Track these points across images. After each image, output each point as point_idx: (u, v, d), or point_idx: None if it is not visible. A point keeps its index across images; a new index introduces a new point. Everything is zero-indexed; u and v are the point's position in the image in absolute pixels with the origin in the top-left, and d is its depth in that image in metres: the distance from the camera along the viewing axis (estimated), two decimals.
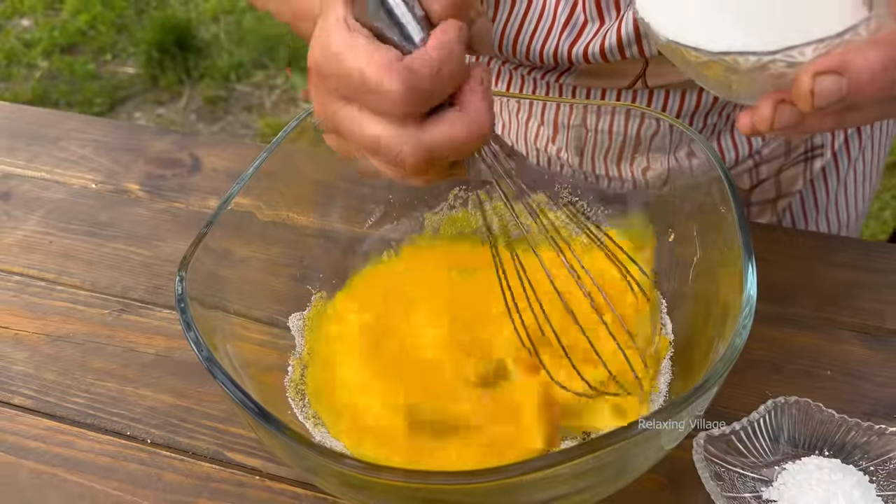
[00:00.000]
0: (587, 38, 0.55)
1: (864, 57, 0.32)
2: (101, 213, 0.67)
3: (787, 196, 0.69)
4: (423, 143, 0.35)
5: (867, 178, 0.72)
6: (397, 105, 0.34)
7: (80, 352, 0.56)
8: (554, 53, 0.56)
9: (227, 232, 0.46)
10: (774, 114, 0.34)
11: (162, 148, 0.73)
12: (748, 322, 0.38)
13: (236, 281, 0.48)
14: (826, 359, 0.53)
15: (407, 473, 0.35)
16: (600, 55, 0.55)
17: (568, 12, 0.55)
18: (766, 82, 0.34)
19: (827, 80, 0.32)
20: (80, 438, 0.51)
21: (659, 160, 0.52)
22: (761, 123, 0.35)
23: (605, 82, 0.59)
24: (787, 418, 0.47)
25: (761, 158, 0.65)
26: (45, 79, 2.16)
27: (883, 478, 0.45)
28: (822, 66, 0.32)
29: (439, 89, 0.35)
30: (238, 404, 0.37)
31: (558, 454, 0.35)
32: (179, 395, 0.53)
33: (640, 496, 0.46)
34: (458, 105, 0.36)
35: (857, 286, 0.57)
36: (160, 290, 0.60)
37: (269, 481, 0.48)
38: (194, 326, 0.40)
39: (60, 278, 0.61)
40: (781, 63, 0.33)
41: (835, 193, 0.70)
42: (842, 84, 0.32)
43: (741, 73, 0.34)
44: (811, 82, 0.32)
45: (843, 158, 0.69)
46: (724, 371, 0.36)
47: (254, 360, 0.47)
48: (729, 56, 0.33)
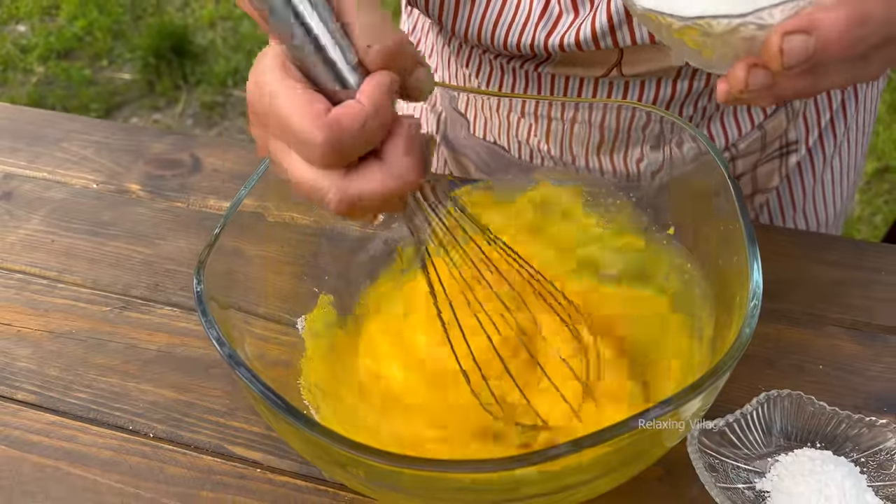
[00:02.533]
0: (562, 29, 0.57)
1: (830, 15, 0.33)
2: (103, 212, 0.67)
3: (764, 192, 0.70)
4: (347, 192, 0.36)
5: (845, 177, 0.73)
6: (322, 157, 0.35)
7: (82, 348, 0.57)
8: (531, 44, 0.58)
9: (237, 232, 0.47)
10: (748, 76, 0.35)
11: (162, 149, 0.73)
12: (756, 307, 0.39)
13: (243, 280, 0.49)
14: (817, 353, 0.54)
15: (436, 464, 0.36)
16: (576, 45, 0.57)
17: (543, 4, 0.57)
18: (738, 46, 0.35)
19: (795, 38, 0.33)
20: (83, 433, 0.51)
21: (649, 152, 0.53)
22: (735, 85, 0.36)
23: (582, 71, 0.61)
24: (780, 411, 0.48)
25: (737, 152, 0.66)
26: (41, 84, 2.16)
27: (873, 468, 0.46)
28: (790, 27, 0.33)
29: (363, 143, 0.35)
30: (263, 400, 0.38)
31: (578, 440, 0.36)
32: (181, 390, 0.54)
33: (637, 488, 0.46)
34: (382, 157, 0.36)
35: (846, 283, 0.58)
36: (161, 288, 0.61)
37: (270, 474, 0.49)
38: (216, 325, 0.40)
39: (63, 276, 0.62)
40: (752, 25, 0.34)
41: (811, 191, 0.71)
42: (809, 42, 0.33)
43: (714, 38, 0.35)
44: (780, 41, 0.33)
45: (818, 155, 0.70)
46: (735, 358, 0.37)
47: (260, 356, 0.47)
48: (702, 20, 0.35)
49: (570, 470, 0.37)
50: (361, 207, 0.36)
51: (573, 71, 0.61)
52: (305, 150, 0.35)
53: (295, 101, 0.35)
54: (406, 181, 0.36)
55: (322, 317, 0.52)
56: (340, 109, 0.35)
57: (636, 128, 0.53)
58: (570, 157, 0.61)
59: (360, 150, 0.36)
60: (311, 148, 0.35)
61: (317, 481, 0.48)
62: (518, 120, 0.62)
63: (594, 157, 0.59)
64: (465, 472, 0.35)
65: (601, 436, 0.35)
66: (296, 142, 0.35)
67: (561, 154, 0.61)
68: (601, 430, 0.35)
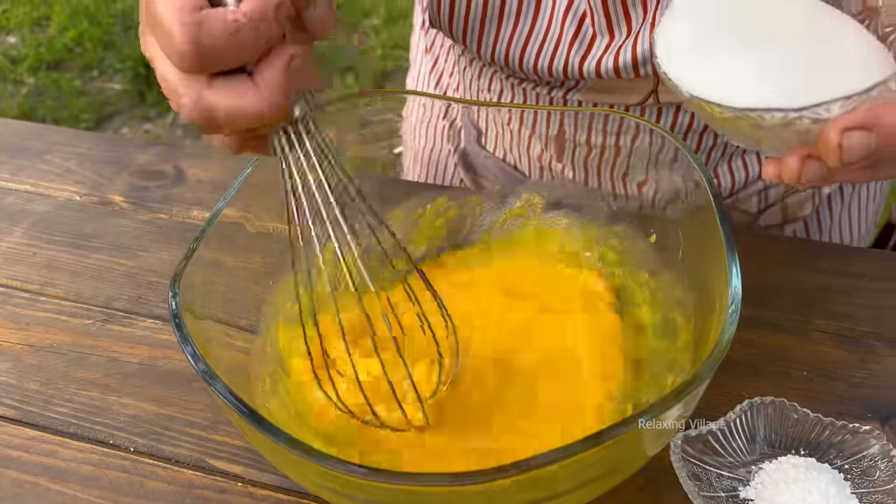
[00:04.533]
0: (598, 53, 0.55)
1: (891, 111, 0.32)
2: (86, 224, 0.67)
3: (794, 221, 0.69)
4: (204, 99, 0.33)
5: (871, 200, 0.72)
6: (181, 58, 0.31)
7: (63, 362, 0.56)
8: (564, 68, 0.55)
9: (216, 243, 0.46)
10: (801, 168, 0.34)
11: (146, 160, 0.73)
12: (735, 312, 0.38)
13: (223, 291, 0.48)
14: (801, 360, 0.53)
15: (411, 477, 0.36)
16: (614, 72, 0.54)
17: (576, 27, 0.54)
18: (791, 138, 0.34)
19: (855, 136, 0.32)
20: (63, 447, 0.51)
21: (649, 172, 0.53)
22: (788, 177, 0.34)
23: (614, 98, 0.58)
24: (763, 418, 0.48)
25: (770, 181, 0.65)
26: (31, 95, 2.16)
27: (857, 475, 0.46)
28: (850, 123, 0.32)
29: (232, 53, 0.32)
30: (238, 415, 0.38)
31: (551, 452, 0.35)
32: (163, 403, 0.53)
33: (619, 498, 0.46)
34: (254, 77, 0.33)
35: (830, 290, 0.58)
36: (143, 301, 0.60)
37: (251, 487, 0.48)
38: (191, 340, 0.40)
39: (44, 289, 0.62)
40: (807, 119, 0.33)
41: (839, 217, 0.70)
42: (871, 140, 0.32)
43: (766, 129, 0.34)
44: (839, 138, 0.32)
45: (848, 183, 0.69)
46: (715, 364, 0.37)
47: (241, 368, 0.47)
48: (754, 112, 0.33)
49: (550, 481, 0.37)
50: (216, 122, 0.33)
51: (605, 98, 0.58)
52: (167, 45, 0.32)
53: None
54: (272, 104, 0.33)
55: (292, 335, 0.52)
56: (213, 11, 0.31)
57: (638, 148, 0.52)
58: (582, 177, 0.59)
59: (226, 59, 0.32)
60: (171, 45, 0.31)
61: (298, 495, 0.48)
62: (529, 136, 0.61)
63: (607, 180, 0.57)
64: (440, 485, 0.35)
65: (581, 445, 0.35)
66: (160, 34, 0.32)
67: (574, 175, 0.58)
68: (580, 440, 0.35)
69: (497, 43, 0.57)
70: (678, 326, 0.46)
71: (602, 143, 0.56)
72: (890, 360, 0.53)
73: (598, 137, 0.56)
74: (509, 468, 0.34)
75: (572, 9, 0.54)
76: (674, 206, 0.50)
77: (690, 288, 0.46)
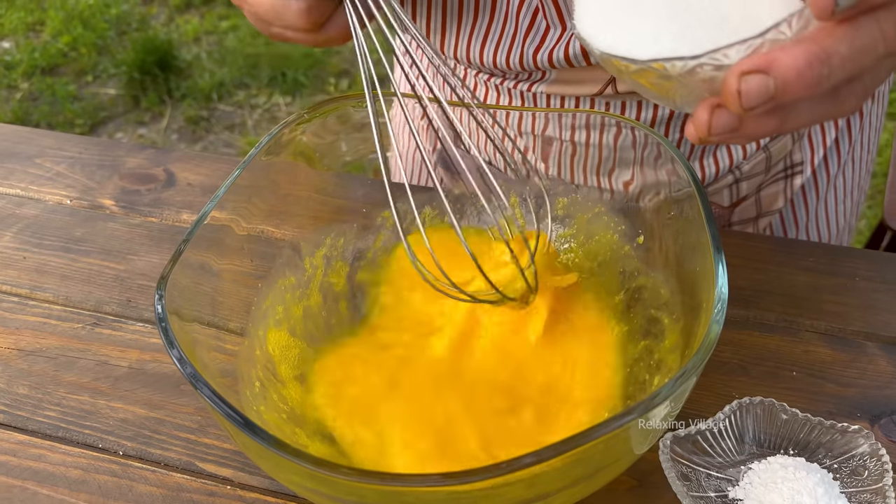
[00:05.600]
0: (550, 44, 0.56)
1: (789, 54, 0.31)
2: (76, 228, 0.67)
3: (768, 215, 0.69)
4: None
5: (848, 196, 0.72)
6: None
7: (52, 366, 0.56)
8: (520, 60, 0.57)
9: (204, 246, 0.46)
10: (711, 118, 0.33)
11: (137, 163, 0.73)
12: (722, 311, 0.38)
13: (212, 294, 0.48)
14: (791, 360, 0.53)
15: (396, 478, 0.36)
16: (565, 60, 0.56)
17: (530, 18, 0.56)
18: (699, 87, 0.34)
19: (753, 79, 0.31)
20: (51, 452, 0.51)
21: (634, 170, 0.53)
22: (699, 129, 0.34)
23: (576, 89, 0.60)
24: (752, 418, 0.48)
25: (742, 174, 0.65)
26: (25, 100, 2.16)
27: (846, 475, 0.46)
28: (746, 66, 0.32)
29: None
30: (223, 417, 0.37)
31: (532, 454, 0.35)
32: (152, 406, 0.53)
33: (608, 498, 0.46)
34: None
35: (820, 289, 0.58)
36: (133, 304, 0.60)
37: (240, 490, 0.48)
38: (177, 344, 0.40)
39: (34, 293, 0.61)
40: (709, 66, 0.33)
41: (815, 211, 0.70)
42: (769, 83, 0.31)
43: (674, 80, 0.34)
44: (737, 82, 0.32)
45: (822, 175, 0.69)
46: (701, 362, 0.37)
47: (230, 372, 0.47)
48: (657, 63, 0.33)
49: (537, 480, 0.37)
50: None
51: (567, 90, 0.60)
52: None
53: None
54: None
55: (279, 339, 0.52)
56: None
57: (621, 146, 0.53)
58: (568, 176, 0.60)
59: None
60: None
61: (288, 498, 0.48)
62: (514, 137, 0.62)
63: (586, 176, 0.58)
64: (428, 485, 0.35)
65: (567, 444, 0.35)
66: None
67: (560, 174, 0.59)
68: (567, 438, 0.35)
69: (459, 40, 0.58)
70: (665, 328, 0.46)
71: (586, 142, 0.57)
72: (880, 360, 0.53)
73: (581, 135, 0.56)
74: (497, 467, 0.34)
75: (525, 2, 0.55)
76: (658, 204, 0.50)
77: (677, 289, 0.46)
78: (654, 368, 0.45)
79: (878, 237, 1.09)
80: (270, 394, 0.49)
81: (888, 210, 1.04)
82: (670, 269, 0.48)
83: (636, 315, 0.50)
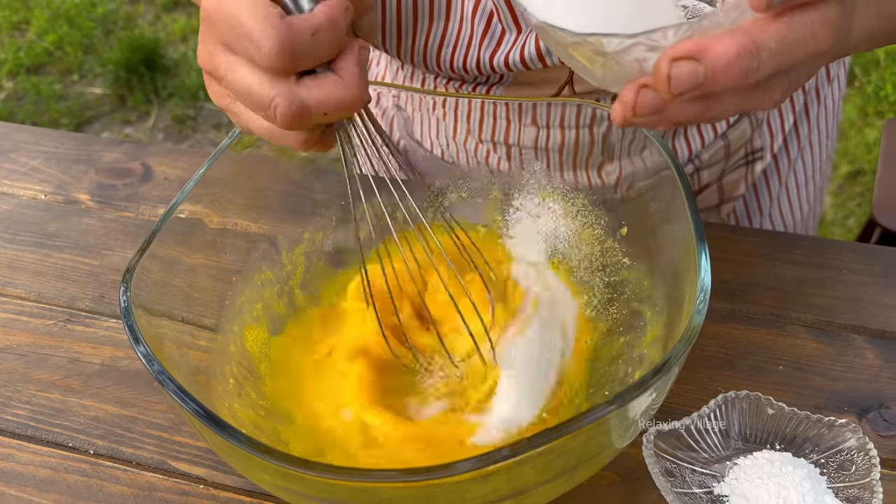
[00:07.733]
0: (506, 48, 0.55)
1: (721, 43, 0.31)
2: (50, 223, 0.65)
3: (731, 201, 0.69)
4: (297, 95, 0.36)
5: (811, 180, 0.72)
6: (271, 58, 0.35)
7: (23, 363, 0.54)
8: (477, 64, 0.57)
9: (174, 240, 0.45)
10: (636, 98, 0.33)
11: (113, 158, 0.72)
12: (704, 302, 0.37)
13: (185, 288, 0.47)
14: (778, 354, 0.53)
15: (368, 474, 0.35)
16: (521, 63, 0.55)
17: (485, 23, 0.55)
18: (631, 67, 0.34)
19: (684, 65, 0.31)
20: (19, 451, 0.49)
21: (617, 161, 0.52)
22: (624, 107, 0.34)
23: (533, 91, 0.59)
24: (738, 412, 0.47)
25: (702, 163, 0.65)
26: (10, 99, 2.13)
27: (833, 469, 0.45)
28: (679, 52, 0.32)
29: (315, 51, 0.36)
30: (192, 415, 0.36)
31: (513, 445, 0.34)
32: (124, 404, 0.52)
33: (592, 494, 0.45)
34: (335, 69, 0.37)
35: (807, 283, 0.57)
36: (107, 300, 0.59)
37: (214, 490, 0.47)
38: (143, 340, 0.39)
39: (5, 289, 0.60)
40: (643, 46, 0.33)
41: (777, 196, 0.70)
42: (698, 70, 0.31)
43: (607, 56, 0.34)
44: (668, 67, 0.32)
45: (782, 159, 0.69)
46: (682, 353, 0.36)
47: (202, 368, 0.46)
48: (594, 38, 0.33)
49: (516, 473, 0.36)
50: (309, 116, 0.36)
51: (524, 92, 0.60)
52: (255, 50, 0.35)
53: (250, 3, 0.35)
54: (357, 93, 0.37)
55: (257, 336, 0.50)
56: (295, 16, 0.36)
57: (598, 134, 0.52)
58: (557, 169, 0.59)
59: (310, 58, 0.36)
60: (262, 48, 0.34)
61: (261, 497, 0.46)
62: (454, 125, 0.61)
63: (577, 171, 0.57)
64: (399, 481, 0.34)
65: (547, 436, 0.33)
66: (245, 43, 0.35)
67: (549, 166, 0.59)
68: (546, 429, 0.33)
69: (415, 45, 0.58)
70: (647, 321, 0.45)
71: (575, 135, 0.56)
72: (868, 353, 0.52)
73: (570, 131, 0.56)
74: (474, 460, 0.33)
75: (480, 7, 0.55)
76: (641, 194, 0.49)
77: (660, 281, 0.45)
78: (636, 362, 0.44)
79: (867, 234, 1.09)
80: (247, 390, 0.48)
81: (877, 206, 1.03)
82: (654, 260, 0.47)
83: (617, 311, 0.49)
